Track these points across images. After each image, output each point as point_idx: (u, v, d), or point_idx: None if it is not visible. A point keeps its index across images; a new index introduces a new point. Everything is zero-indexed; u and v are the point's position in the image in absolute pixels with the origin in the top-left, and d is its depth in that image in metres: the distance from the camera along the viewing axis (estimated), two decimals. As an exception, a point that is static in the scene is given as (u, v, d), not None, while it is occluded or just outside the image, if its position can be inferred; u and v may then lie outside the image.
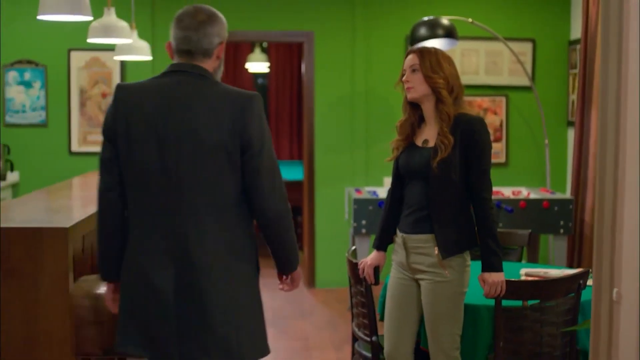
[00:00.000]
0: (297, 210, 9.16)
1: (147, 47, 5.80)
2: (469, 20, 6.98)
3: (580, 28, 6.82)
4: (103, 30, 5.01)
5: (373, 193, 6.63)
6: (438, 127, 3.46)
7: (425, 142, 3.51)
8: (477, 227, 3.46)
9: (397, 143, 3.60)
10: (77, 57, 7.41)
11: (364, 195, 6.52)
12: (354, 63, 7.57)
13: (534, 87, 7.31)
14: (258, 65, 10.04)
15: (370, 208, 6.28)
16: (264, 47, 10.54)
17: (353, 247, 4.25)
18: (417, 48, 3.56)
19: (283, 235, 2.97)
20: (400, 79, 3.56)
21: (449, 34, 6.34)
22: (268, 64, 10.47)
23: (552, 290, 3.53)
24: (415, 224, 3.49)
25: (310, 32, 7.56)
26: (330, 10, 7.55)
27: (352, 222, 6.37)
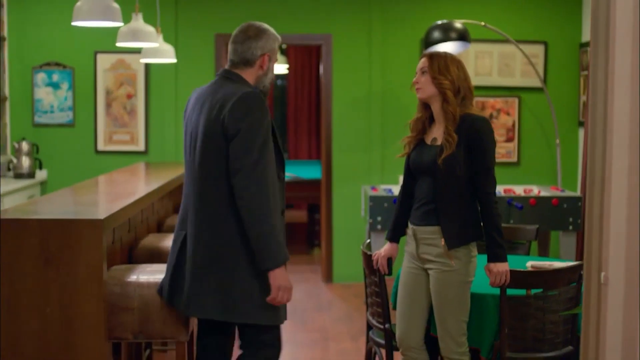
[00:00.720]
0: (315, 208, 9.37)
1: (172, 50, 5.95)
2: (482, 24, 7.09)
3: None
4: (131, 35, 5.22)
5: (388, 191, 6.73)
6: (444, 126, 3.63)
7: (434, 140, 3.67)
8: (482, 220, 3.59)
9: (408, 139, 3.77)
10: (103, 59, 7.57)
11: (380, 193, 6.61)
12: (371, 65, 7.67)
13: (546, 88, 7.38)
14: (277, 67, 10.10)
15: (386, 205, 6.38)
16: (283, 49, 10.69)
17: (368, 240, 4.37)
18: (429, 52, 3.74)
19: (255, 224, 3.13)
20: (414, 81, 3.74)
21: (462, 37, 6.48)
22: (287, 66, 10.62)
23: (554, 280, 3.65)
24: (424, 217, 3.65)
25: (328, 35, 7.67)
26: (348, 14, 7.66)
27: (368, 218, 6.46)
